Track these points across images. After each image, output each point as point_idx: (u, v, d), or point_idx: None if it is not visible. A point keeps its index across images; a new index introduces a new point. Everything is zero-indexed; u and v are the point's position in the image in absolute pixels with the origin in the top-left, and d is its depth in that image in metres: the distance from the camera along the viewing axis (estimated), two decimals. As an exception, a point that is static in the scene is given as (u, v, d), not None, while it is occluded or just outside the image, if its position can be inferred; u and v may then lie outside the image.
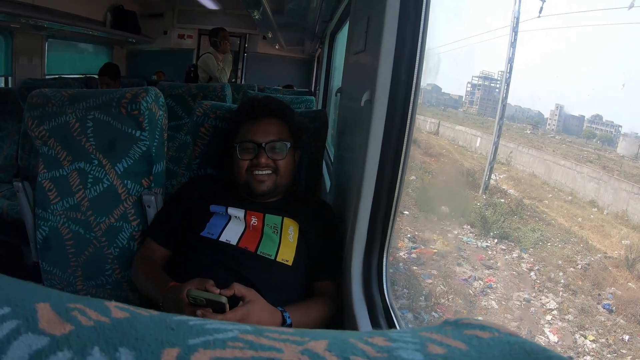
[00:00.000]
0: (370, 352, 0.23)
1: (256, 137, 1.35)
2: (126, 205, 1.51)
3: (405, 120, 1.09)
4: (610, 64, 1.57)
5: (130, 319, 0.24)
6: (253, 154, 1.34)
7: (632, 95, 1.52)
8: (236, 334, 0.24)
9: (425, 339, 0.24)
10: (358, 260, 1.21)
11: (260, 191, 1.35)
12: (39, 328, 0.22)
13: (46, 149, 1.53)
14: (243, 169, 1.35)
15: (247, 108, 1.41)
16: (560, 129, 2.34)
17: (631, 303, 1.82)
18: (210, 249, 1.27)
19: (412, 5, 1.06)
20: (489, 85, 2.80)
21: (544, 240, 2.36)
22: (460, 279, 2.57)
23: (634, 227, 1.90)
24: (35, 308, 0.23)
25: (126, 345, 0.22)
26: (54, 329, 0.22)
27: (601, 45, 1.76)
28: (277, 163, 1.35)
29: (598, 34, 1.68)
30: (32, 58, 4.49)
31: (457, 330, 0.26)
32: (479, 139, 3.04)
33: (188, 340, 0.22)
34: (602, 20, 1.54)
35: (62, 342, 0.21)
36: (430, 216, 3.17)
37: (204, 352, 0.22)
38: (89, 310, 0.24)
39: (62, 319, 0.22)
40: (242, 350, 0.22)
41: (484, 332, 0.25)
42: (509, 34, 2.24)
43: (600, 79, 1.69)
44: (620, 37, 1.47)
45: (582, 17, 1.72)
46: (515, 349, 0.23)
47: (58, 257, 1.55)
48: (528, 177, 2.62)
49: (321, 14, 3.20)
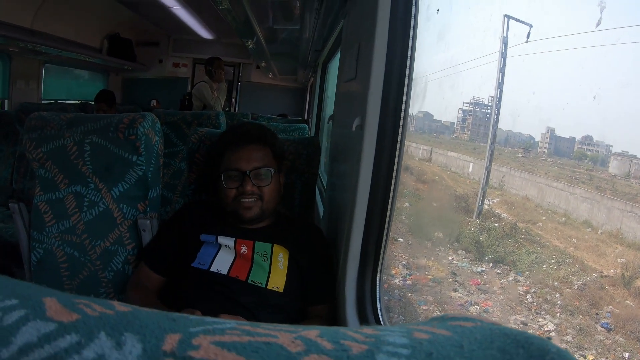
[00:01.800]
0: (359, 338, 0.24)
1: (240, 164, 1.36)
2: (121, 229, 1.51)
3: (395, 144, 1.11)
4: (599, 83, 1.61)
5: (134, 312, 0.25)
6: (238, 182, 1.35)
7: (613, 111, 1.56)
8: (234, 325, 0.25)
9: (411, 329, 0.25)
10: (352, 283, 1.21)
11: (247, 217, 1.36)
12: (46, 316, 0.23)
13: (43, 171, 1.54)
14: (230, 198, 1.36)
15: (230, 135, 1.43)
16: (551, 152, 2.36)
17: (629, 320, 1.81)
18: (202, 280, 1.28)
19: (400, 32, 1.09)
20: (480, 110, 2.84)
21: (540, 263, 2.35)
22: (457, 304, 2.55)
23: (628, 244, 1.91)
24: (42, 300, 0.24)
25: (131, 331, 0.23)
26: (61, 316, 0.23)
27: (581, 66, 1.81)
28: (262, 189, 1.36)
29: (582, 56, 1.73)
30: (29, 82, 4.53)
31: (442, 322, 0.27)
32: (471, 164, 3.06)
33: (189, 328, 0.24)
34: (590, 43, 1.59)
35: (70, 327, 0.23)
36: (424, 242, 3.16)
37: (204, 337, 0.23)
38: (94, 304, 0.25)
39: (69, 310, 0.24)
40: (239, 336, 0.23)
41: (467, 322, 0.26)
42: (497, 60, 2.29)
43: (588, 99, 1.73)
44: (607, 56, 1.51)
45: (566, 41, 1.77)
46: (496, 333, 0.24)
47: (52, 279, 1.54)
48: (521, 201, 2.62)
49: (313, 43, 3.26)
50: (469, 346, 0.23)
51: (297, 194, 1.68)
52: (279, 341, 0.23)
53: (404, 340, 0.24)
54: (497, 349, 0.23)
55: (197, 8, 4.85)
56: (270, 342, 0.23)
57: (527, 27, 2.08)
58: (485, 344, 0.23)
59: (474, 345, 0.23)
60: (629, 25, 1.34)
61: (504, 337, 0.24)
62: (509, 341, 0.23)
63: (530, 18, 2.04)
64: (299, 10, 2.59)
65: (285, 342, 0.23)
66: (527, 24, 2.10)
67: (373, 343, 0.23)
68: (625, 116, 1.65)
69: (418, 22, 1.08)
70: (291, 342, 0.23)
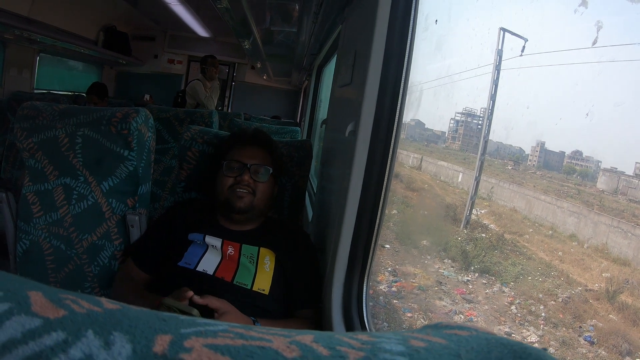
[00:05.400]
0: (355, 344, 0.23)
1: (243, 158, 1.42)
2: (109, 224, 1.50)
3: (387, 151, 1.12)
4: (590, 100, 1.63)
5: (123, 310, 0.24)
6: (237, 173, 1.40)
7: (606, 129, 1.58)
8: (226, 327, 0.24)
9: (407, 336, 0.25)
10: (338, 288, 1.22)
11: (238, 207, 1.38)
12: (32, 311, 0.22)
13: (33, 161, 1.52)
14: (226, 186, 1.40)
15: (239, 135, 1.50)
16: (541, 165, 2.38)
17: (612, 334, 1.82)
18: (187, 279, 1.28)
19: (397, 40, 1.10)
20: (472, 121, 2.86)
21: (525, 274, 2.36)
22: (441, 312, 2.56)
23: (614, 259, 1.93)
24: (27, 294, 0.23)
25: (120, 330, 0.22)
26: (47, 312, 0.22)
27: (575, 82, 1.82)
28: (257, 185, 1.41)
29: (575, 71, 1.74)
30: (22, 71, 4.47)
31: (437, 330, 0.27)
32: (460, 174, 3.08)
33: (180, 329, 0.23)
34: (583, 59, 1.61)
35: (56, 324, 0.22)
36: (411, 250, 3.17)
37: (196, 339, 0.22)
38: (81, 300, 0.24)
39: (55, 305, 0.23)
40: (233, 340, 0.23)
41: (462, 331, 0.26)
42: (491, 72, 2.31)
43: (579, 115, 1.74)
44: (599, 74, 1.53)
45: (561, 56, 1.79)
46: (492, 343, 0.24)
47: (37, 271, 1.52)
48: (509, 212, 2.64)
49: (310, 46, 3.27)
50: (466, 355, 0.23)
51: (287, 196, 1.68)
52: (274, 346, 0.22)
53: (401, 347, 0.23)
54: (495, 359, 0.23)
55: (195, 5, 4.84)
56: (265, 347, 0.22)
57: (523, 42, 2.10)
58: (482, 354, 0.23)
59: (471, 355, 0.23)
60: (625, 44, 1.36)
61: (501, 347, 0.24)
62: (506, 351, 0.23)
63: (527, 33, 2.06)
64: (297, 13, 2.60)
65: (280, 347, 0.22)
66: (522, 38, 2.12)
67: (370, 350, 0.23)
68: (617, 135, 1.68)
69: (416, 32, 1.09)
70: (286, 347, 0.22)
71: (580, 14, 1.38)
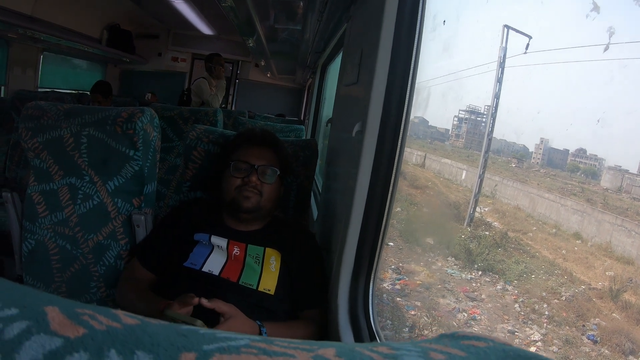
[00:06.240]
0: (377, 358, 0.23)
1: (251, 159, 1.42)
2: (115, 223, 1.50)
3: (394, 152, 1.12)
4: (593, 99, 1.62)
5: (142, 325, 0.23)
6: (245, 174, 1.40)
7: (611, 130, 1.57)
8: (247, 342, 0.24)
9: (426, 347, 0.25)
10: (345, 287, 1.22)
11: (245, 207, 1.38)
12: (51, 329, 0.21)
13: (38, 161, 1.53)
14: (233, 186, 1.40)
15: (247, 134, 1.50)
16: (544, 163, 2.37)
17: (615, 333, 1.82)
18: (193, 280, 1.29)
19: (404, 40, 1.10)
20: (476, 119, 2.85)
21: (528, 273, 2.36)
22: (444, 310, 2.56)
23: (617, 258, 1.92)
24: (44, 310, 0.22)
25: (142, 349, 0.21)
26: (66, 331, 0.21)
27: (581, 81, 1.82)
28: (264, 187, 1.41)
29: (582, 70, 1.74)
30: (26, 69, 4.48)
31: (455, 341, 0.27)
32: (464, 172, 3.07)
33: (202, 346, 0.22)
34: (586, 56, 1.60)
35: (77, 344, 0.21)
36: (414, 248, 3.17)
37: (220, 356, 0.22)
38: (99, 315, 0.23)
39: (74, 322, 0.22)
40: (257, 356, 0.22)
41: (479, 342, 0.26)
42: (495, 70, 2.31)
43: (584, 113, 1.74)
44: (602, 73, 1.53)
45: (567, 54, 1.78)
46: (510, 355, 0.24)
47: (43, 271, 1.53)
48: (512, 210, 2.64)
49: (314, 44, 3.27)
50: None
51: (293, 196, 1.68)
52: None
53: None
54: None
55: (199, 3, 4.83)
56: None
57: (532, 43, 2.10)
58: None
59: None
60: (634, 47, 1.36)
61: (519, 359, 0.24)
62: None
63: (537, 34, 2.06)
64: (302, 10, 2.60)
65: None
66: (527, 35, 2.12)
67: None
68: (628, 141, 1.68)
69: (423, 32, 1.09)
70: None
71: (592, 19, 1.38)
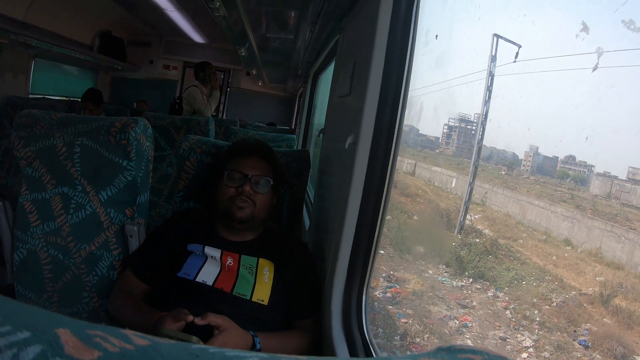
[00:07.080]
0: None
1: (245, 169, 1.42)
2: (108, 233, 1.50)
3: (387, 163, 1.13)
4: (581, 107, 1.65)
5: (153, 345, 0.23)
6: (239, 183, 1.41)
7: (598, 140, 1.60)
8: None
9: None
10: (338, 297, 1.22)
11: (239, 217, 1.39)
12: (65, 353, 0.20)
13: (30, 170, 1.52)
14: (226, 196, 1.40)
15: (241, 144, 1.51)
16: (534, 170, 2.40)
17: (607, 338, 1.83)
18: (187, 290, 1.29)
19: (397, 52, 1.12)
20: (465, 127, 2.87)
21: (519, 279, 2.38)
22: (436, 318, 2.57)
23: (607, 264, 1.94)
24: (56, 333, 0.21)
25: None
26: (81, 354, 0.21)
27: (570, 89, 1.85)
28: (258, 197, 1.41)
29: (569, 78, 1.76)
30: (17, 75, 4.44)
31: (452, 355, 0.27)
32: (454, 179, 3.09)
33: None
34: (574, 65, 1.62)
35: None
36: (405, 256, 3.18)
37: None
38: (110, 337, 0.23)
39: (88, 346, 0.21)
40: None
41: (475, 356, 0.27)
42: (485, 78, 2.33)
43: (571, 121, 1.76)
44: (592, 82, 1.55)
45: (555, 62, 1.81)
46: None
47: (34, 281, 1.52)
48: (503, 217, 2.65)
49: (306, 54, 3.28)
50: None
51: (285, 207, 1.69)
52: None
53: None
54: None
55: (192, 12, 4.85)
56: None
57: (522, 53, 2.12)
58: None
59: None
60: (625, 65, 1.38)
61: None
62: None
63: (528, 49, 2.08)
64: (294, 20, 2.61)
65: None
66: (516, 44, 2.15)
67: None
68: (611, 140, 1.70)
69: (415, 45, 1.11)
70: None
71: (582, 39, 1.41)
